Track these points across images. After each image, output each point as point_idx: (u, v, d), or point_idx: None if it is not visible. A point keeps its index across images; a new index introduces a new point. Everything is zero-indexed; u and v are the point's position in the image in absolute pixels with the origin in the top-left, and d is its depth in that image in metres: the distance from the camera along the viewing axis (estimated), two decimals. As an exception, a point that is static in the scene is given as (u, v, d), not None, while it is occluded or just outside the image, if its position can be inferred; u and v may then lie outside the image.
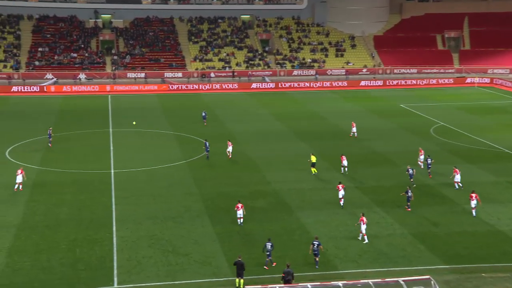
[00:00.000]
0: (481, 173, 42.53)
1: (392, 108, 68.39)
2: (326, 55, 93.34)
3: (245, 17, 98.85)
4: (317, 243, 27.96)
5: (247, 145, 50.37)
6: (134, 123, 55.82)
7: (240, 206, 32.75)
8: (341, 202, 35.73)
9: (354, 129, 53.32)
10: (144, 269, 27.56)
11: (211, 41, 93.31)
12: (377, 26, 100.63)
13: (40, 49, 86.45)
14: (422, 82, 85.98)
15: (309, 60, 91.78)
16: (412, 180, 39.94)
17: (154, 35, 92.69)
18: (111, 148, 49.01)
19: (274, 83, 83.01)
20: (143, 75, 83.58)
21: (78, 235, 31.07)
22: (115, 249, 29.52)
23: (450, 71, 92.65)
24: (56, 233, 31.33)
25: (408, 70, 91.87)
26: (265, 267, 27.75)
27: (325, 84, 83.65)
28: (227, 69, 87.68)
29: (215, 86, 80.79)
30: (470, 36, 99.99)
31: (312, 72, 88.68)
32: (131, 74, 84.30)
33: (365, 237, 30.66)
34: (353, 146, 50.00)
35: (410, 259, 28.88)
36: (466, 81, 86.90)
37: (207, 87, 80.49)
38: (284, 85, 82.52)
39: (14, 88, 76.02)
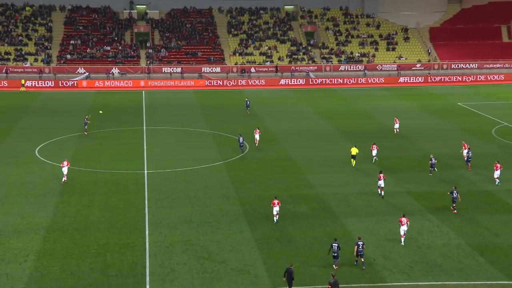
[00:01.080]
0: (550, 179, 41.19)
1: (449, 106, 67.05)
2: (376, 49, 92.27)
3: (289, 7, 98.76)
4: (361, 243, 28.51)
5: (289, 145, 50.33)
6: (100, 112, 56.16)
7: (276, 203, 33.54)
8: (381, 192, 37.80)
9: (397, 126, 54.18)
10: (178, 277, 27.90)
11: (252, 33, 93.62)
12: (434, 17, 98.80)
13: (72, 41, 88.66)
14: (483, 78, 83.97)
15: (358, 54, 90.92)
16: (433, 169, 42.39)
17: (192, 27, 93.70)
18: (145, 147, 49.77)
19: (319, 79, 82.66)
20: (179, 69, 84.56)
21: (109, 239, 31.67)
22: (147, 254, 29.96)
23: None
24: (86, 237, 32.00)
25: (467, 65, 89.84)
26: (334, 266, 28.43)
27: (375, 80, 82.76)
28: (269, 63, 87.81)
29: (256, 82, 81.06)
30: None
31: (361, 67, 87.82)
32: (166, 69, 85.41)
33: (402, 238, 30.94)
34: (405, 148, 49.30)
35: (467, 273, 28.25)
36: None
37: (250, 82, 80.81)
38: (330, 81, 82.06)
39: (45, 83, 78.17)
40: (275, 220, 33.65)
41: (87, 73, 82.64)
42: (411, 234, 32.27)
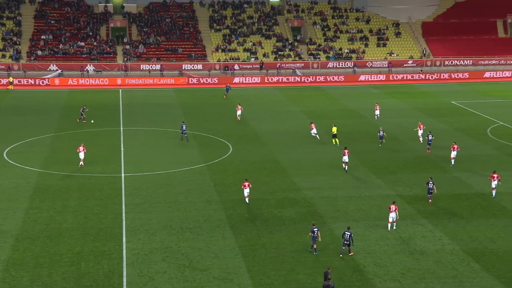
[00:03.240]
0: (547, 181, 41.71)
1: (442, 105, 67.64)
2: (366, 45, 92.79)
3: (274, 1, 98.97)
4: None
5: (274, 146, 50.44)
6: (92, 121, 57.09)
7: (247, 185, 36.83)
8: (345, 167, 43.33)
9: (378, 112, 58.66)
10: (157, 286, 27.80)
11: (236, 28, 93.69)
12: (426, 11, 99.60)
13: (43, 37, 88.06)
14: (479, 76, 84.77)
15: (347, 51, 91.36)
16: (382, 141, 49.82)
17: (172, 22, 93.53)
18: (122, 149, 49.60)
19: (306, 77, 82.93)
20: (158, 67, 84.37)
21: (83, 247, 31.48)
22: (124, 263, 29.84)
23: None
24: (59, 245, 31.76)
25: (461, 61, 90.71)
26: (343, 254, 30.31)
27: (365, 78, 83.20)
28: (253, 60, 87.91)
29: (239, 79, 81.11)
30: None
31: (350, 64, 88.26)
32: (145, 66, 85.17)
33: (389, 225, 33.34)
34: (396, 149, 49.64)
35: (462, 280, 28.49)
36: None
37: (234, 80, 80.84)
38: (318, 78, 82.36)
39: (14, 81, 77.51)
40: (247, 202, 36.77)
41: (60, 71, 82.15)
42: (403, 239, 32.50)
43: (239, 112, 59.24)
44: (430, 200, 37.66)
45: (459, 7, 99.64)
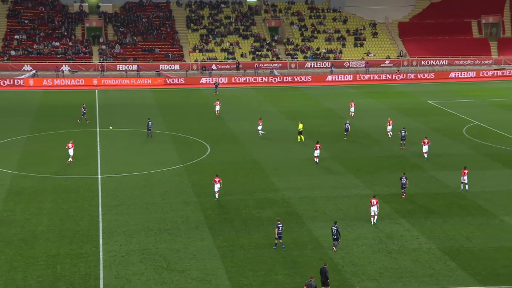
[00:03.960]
0: (522, 180, 42.39)
1: (419, 105, 68.32)
2: (344, 45, 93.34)
3: (252, 1, 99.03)
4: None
5: (252, 147, 50.49)
6: (110, 127, 56.42)
7: (217, 180, 37.92)
8: (317, 160, 45.08)
9: (353, 109, 60.43)
10: (134, 288, 27.70)
11: (213, 29, 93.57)
12: (403, 11, 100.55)
13: (16, 36, 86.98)
14: (454, 75, 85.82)
15: (324, 51, 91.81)
16: (346, 133, 52.29)
17: (148, 21, 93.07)
18: (98, 150, 49.24)
19: (284, 77, 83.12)
20: (135, 67, 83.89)
21: (59, 250, 31.20)
22: (101, 265, 29.65)
23: (487, 62, 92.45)
24: (34, 248, 31.45)
25: (438, 61, 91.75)
26: (334, 248, 31.16)
27: (342, 77, 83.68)
28: (231, 60, 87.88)
29: (217, 80, 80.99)
30: None
31: (328, 64, 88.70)
32: (121, 66, 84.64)
33: (372, 218, 34.40)
34: (373, 149, 50.02)
35: (438, 278, 28.82)
36: (506, 74, 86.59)
37: (208, 80, 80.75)
38: (296, 79, 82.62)
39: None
40: (217, 197, 37.77)
41: (34, 71, 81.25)
42: (381, 239, 32.77)
43: (217, 108, 60.91)
44: (403, 196, 38.65)
45: (434, 7, 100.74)
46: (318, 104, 68.43)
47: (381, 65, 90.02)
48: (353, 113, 60.86)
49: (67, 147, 45.25)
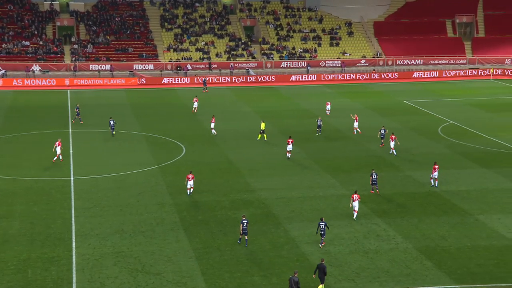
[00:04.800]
0: (498, 179, 43.01)
1: (394, 104, 68.93)
2: (319, 44, 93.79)
3: (226, 0, 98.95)
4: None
5: (228, 147, 50.43)
6: (74, 122, 56.39)
7: (191, 177, 38.60)
8: (288, 155, 46.11)
9: (329, 107, 61.94)
10: (108, 292, 27.48)
11: (187, 28, 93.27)
12: (378, 11, 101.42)
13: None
14: (429, 75, 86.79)
15: (300, 50, 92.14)
16: (319, 130, 53.86)
17: (121, 20, 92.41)
18: (71, 151, 48.76)
19: (259, 76, 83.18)
20: (108, 67, 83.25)
21: (30, 254, 30.80)
22: (74, 269, 29.35)
23: (461, 61, 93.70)
24: (4, 252, 31.00)
25: (413, 61, 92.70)
26: (320, 245, 31.84)
27: (318, 77, 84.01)
28: (206, 60, 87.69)
29: (193, 79, 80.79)
30: (485, 21, 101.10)
31: (303, 63, 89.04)
32: (94, 66, 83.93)
33: (354, 213, 35.33)
34: (350, 149, 50.33)
35: (415, 278, 29.10)
36: (480, 73, 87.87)
37: (186, 80, 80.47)
38: (271, 78, 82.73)
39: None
40: (189, 193, 38.62)
41: (3, 71, 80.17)
42: (358, 239, 32.98)
43: (195, 105, 62.10)
44: (372, 191, 39.58)
45: (409, 7, 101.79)
46: (294, 104, 68.63)
47: (357, 64, 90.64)
48: (329, 111, 61.52)
49: (55, 145, 45.18)
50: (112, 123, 53.08)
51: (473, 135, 54.91)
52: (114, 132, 53.17)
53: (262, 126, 52.35)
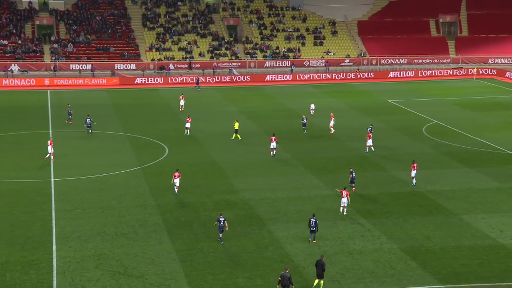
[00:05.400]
0: (482, 178, 43.39)
1: (378, 104, 69.27)
2: (303, 44, 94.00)
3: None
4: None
5: (211, 147, 50.36)
6: (69, 123, 56.52)
7: (177, 175, 38.99)
8: (273, 153, 47.05)
9: (313, 106, 62.37)
10: (90, 295, 27.31)
11: (170, 27, 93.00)
12: (362, 10, 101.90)
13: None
14: (413, 74, 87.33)
15: (284, 50, 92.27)
16: (304, 128, 54.68)
17: (102, 19, 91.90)
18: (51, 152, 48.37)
19: (243, 76, 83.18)
20: (89, 66, 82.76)
21: (9, 257, 30.50)
22: (54, 272, 29.13)
23: (445, 61, 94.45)
24: (-16, 254, 30.74)
25: (397, 60, 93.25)
26: (311, 240, 32.48)
27: (302, 77, 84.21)
28: (189, 60, 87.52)
29: (175, 79, 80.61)
30: (468, 21, 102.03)
31: (287, 63, 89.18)
32: (75, 66, 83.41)
33: (341, 208, 36.27)
34: (335, 149, 50.49)
35: (399, 278, 29.26)
36: (464, 73, 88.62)
37: (169, 80, 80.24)
38: (255, 78, 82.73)
39: None
40: (176, 192, 38.99)
41: (-18, 71, 79.41)
42: (342, 239, 33.09)
43: (182, 103, 62.95)
44: (353, 189, 39.95)
45: (393, 6, 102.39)
46: (279, 104, 68.70)
47: (341, 64, 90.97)
48: (313, 111, 61.81)
49: (47, 144, 45.61)
50: (88, 121, 53.06)
51: (457, 135, 55.36)
52: (90, 131, 53.14)
53: (236, 125, 52.57)
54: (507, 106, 68.10)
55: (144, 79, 79.77)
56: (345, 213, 36.32)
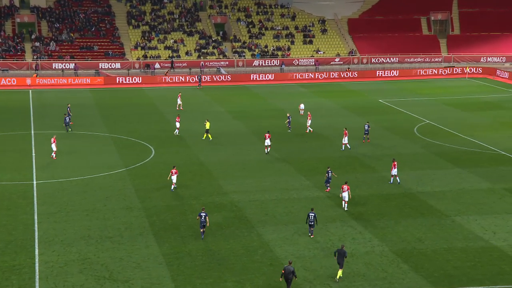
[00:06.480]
0: (473, 179, 43.65)
1: (369, 103, 69.51)
2: (292, 42, 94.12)
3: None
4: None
5: (199, 148, 50.30)
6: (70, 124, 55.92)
7: (174, 172, 39.76)
8: (267, 150, 47.73)
9: (302, 106, 62.78)
10: (74, 301, 27.20)
11: (156, 25, 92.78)
12: (352, 8, 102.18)
13: None
14: (404, 73, 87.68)
15: (272, 48, 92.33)
16: (289, 126, 55.44)
17: (86, 17, 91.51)
18: (33, 154, 48.16)
19: (231, 75, 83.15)
20: (72, 65, 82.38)
21: (-9, 261, 30.35)
22: (37, 277, 28.96)
23: (436, 60, 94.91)
24: (-36, 259, 30.52)
25: (387, 59, 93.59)
26: (310, 235, 33.44)
27: (291, 76, 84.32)
28: (175, 58, 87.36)
29: (162, 79, 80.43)
30: (460, 19, 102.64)
31: (276, 62, 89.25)
32: (57, 65, 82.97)
33: (345, 204, 37.35)
34: (325, 149, 50.60)
35: (391, 281, 29.36)
36: (456, 72, 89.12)
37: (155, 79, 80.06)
38: (243, 77, 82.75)
39: None
40: (172, 189, 39.92)
41: (-38, 70, 78.86)
42: (333, 242, 33.16)
43: (179, 101, 63.76)
44: (328, 189, 40.56)
45: (383, 4, 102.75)
46: (267, 104, 68.76)
47: (331, 62, 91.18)
48: (302, 111, 61.92)
49: (51, 142, 46.37)
50: (67, 120, 53.68)
51: (449, 135, 55.66)
52: (70, 129, 53.66)
53: (207, 125, 52.57)
54: (498, 106, 68.62)
55: (129, 78, 79.58)
56: (346, 209, 37.16)
